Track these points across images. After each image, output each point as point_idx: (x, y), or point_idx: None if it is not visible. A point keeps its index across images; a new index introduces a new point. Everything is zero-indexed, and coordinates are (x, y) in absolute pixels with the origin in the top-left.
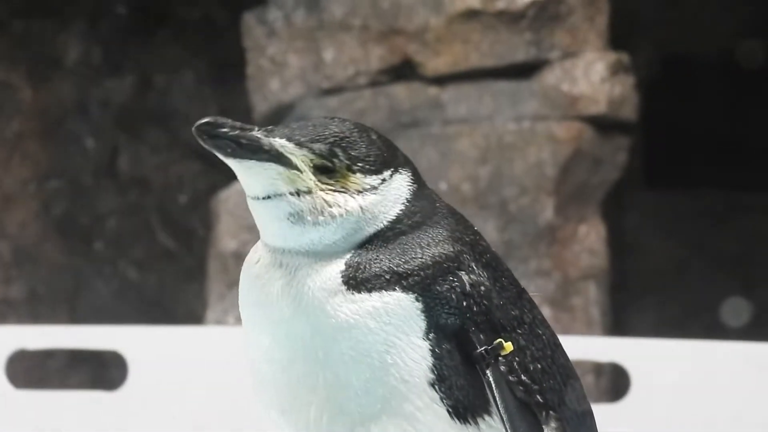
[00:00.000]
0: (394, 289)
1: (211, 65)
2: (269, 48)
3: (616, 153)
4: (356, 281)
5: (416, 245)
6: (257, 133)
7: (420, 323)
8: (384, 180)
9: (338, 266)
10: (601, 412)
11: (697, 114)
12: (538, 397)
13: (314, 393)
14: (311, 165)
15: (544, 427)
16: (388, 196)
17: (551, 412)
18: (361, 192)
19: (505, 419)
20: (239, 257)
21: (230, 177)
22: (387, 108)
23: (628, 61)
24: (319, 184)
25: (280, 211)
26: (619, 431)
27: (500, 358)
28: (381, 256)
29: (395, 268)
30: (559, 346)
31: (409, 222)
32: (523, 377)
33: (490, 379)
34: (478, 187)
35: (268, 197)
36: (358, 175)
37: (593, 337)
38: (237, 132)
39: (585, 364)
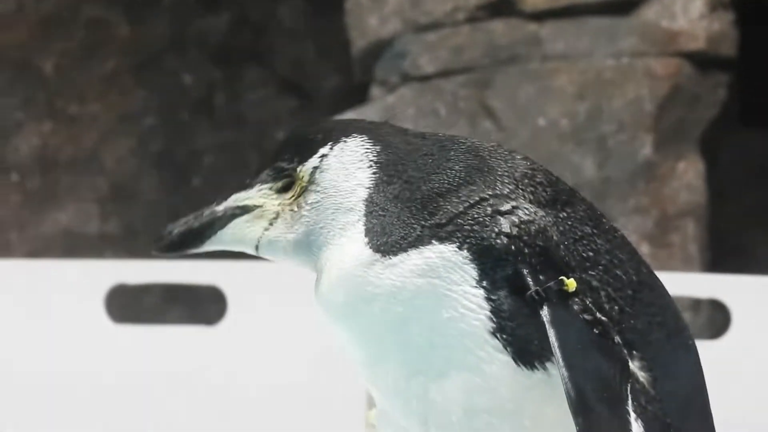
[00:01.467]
0: (431, 243)
1: (309, 1)
2: None
3: (715, 90)
4: (387, 245)
5: (433, 195)
6: (210, 208)
7: (469, 272)
8: (323, 155)
9: (358, 241)
10: (699, 349)
11: None
12: (617, 337)
13: (386, 361)
14: (276, 192)
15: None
16: (337, 166)
17: (634, 351)
18: (310, 181)
19: (559, 358)
20: None
21: (324, 112)
22: (485, 44)
23: None
24: (284, 202)
25: (273, 249)
26: (718, 368)
27: (570, 298)
28: (401, 216)
29: (423, 222)
30: (647, 285)
31: (403, 178)
32: (598, 315)
33: (545, 318)
34: (576, 123)
35: (257, 248)
36: (299, 168)
37: (691, 274)
38: (187, 224)
39: (683, 300)
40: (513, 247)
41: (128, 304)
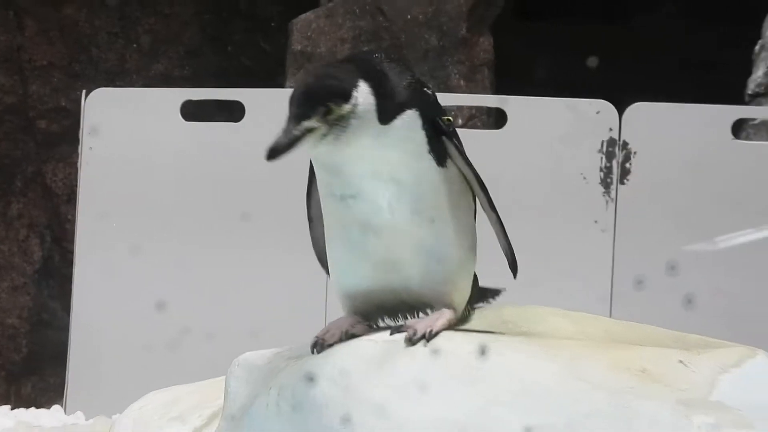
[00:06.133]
0: (403, 110)
1: None
2: None
3: None
4: (385, 118)
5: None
6: (288, 130)
7: (418, 121)
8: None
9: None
10: (484, 137)
11: None
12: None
13: (376, 171)
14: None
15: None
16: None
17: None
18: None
19: (458, 159)
20: None
21: None
22: None
23: None
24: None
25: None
26: (500, 153)
27: (450, 126)
28: (388, 105)
29: (394, 101)
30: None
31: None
32: (453, 129)
33: (452, 139)
34: None
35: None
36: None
37: (483, 96)
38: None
39: (482, 108)
40: (433, 107)
41: (195, 112)
